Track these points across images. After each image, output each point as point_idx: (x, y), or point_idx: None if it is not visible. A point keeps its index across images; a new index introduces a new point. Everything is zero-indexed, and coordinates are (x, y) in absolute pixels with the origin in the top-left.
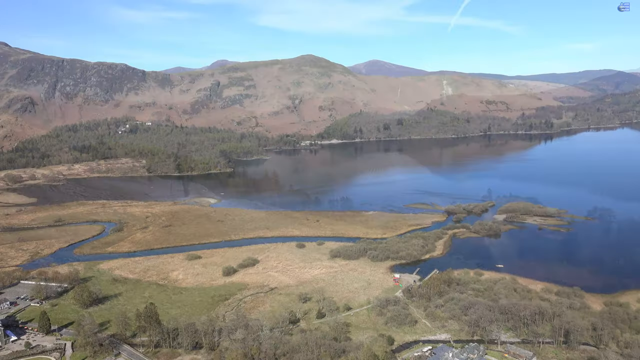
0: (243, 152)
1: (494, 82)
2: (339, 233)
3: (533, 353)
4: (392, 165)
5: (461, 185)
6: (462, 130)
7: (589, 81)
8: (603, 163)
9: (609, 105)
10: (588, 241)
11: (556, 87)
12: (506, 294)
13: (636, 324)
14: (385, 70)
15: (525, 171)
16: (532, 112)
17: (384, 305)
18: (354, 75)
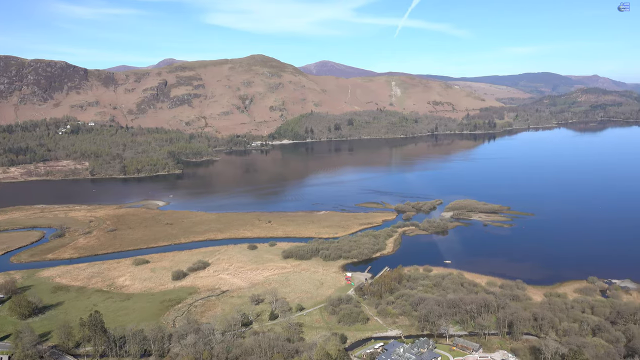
0: (192, 153)
1: (440, 84)
2: (291, 233)
3: (479, 345)
4: (343, 165)
5: (410, 184)
6: (410, 131)
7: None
8: (541, 161)
9: (546, 106)
10: (528, 236)
11: (498, 89)
12: (454, 288)
13: (573, 312)
14: (336, 70)
15: (471, 170)
16: (476, 113)
17: (336, 304)
18: (305, 75)
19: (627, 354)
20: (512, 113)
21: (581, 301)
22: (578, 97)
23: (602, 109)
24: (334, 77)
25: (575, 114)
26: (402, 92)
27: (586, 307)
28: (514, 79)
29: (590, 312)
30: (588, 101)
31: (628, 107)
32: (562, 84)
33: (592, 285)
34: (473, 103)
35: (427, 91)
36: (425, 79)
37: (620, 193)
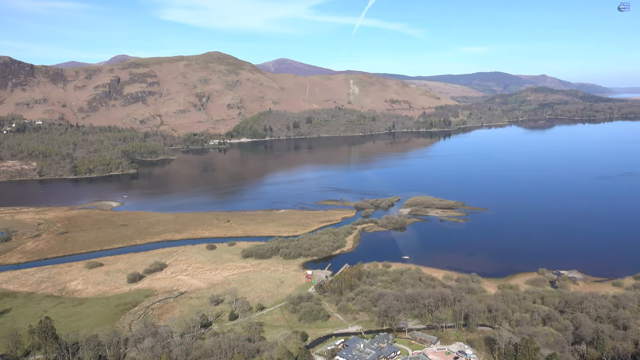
0: (147, 152)
1: (397, 82)
2: (250, 233)
3: (437, 337)
4: (302, 163)
5: (369, 182)
6: (368, 128)
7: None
8: (494, 158)
9: (498, 105)
10: (482, 230)
11: (453, 88)
12: (412, 283)
13: (525, 303)
14: (294, 68)
15: (427, 167)
16: (432, 111)
17: (297, 302)
18: (263, 73)
19: (574, 341)
20: (466, 111)
21: (532, 292)
22: (528, 96)
23: (550, 108)
24: (292, 75)
25: (525, 112)
26: (360, 90)
27: (537, 298)
28: (467, 78)
29: (540, 302)
30: (537, 100)
31: (574, 106)
32: (512, 83)
33: (542, 276)
34: (429, 101)
35: (384, 90)
36: (383, 77)
37: (566, 188)
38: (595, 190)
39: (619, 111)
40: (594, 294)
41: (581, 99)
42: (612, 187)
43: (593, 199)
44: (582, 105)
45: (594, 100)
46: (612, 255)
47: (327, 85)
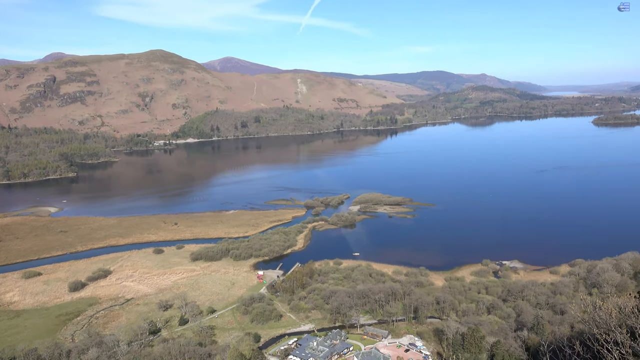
0: (88, 154)
1: (344, 81)
2: (199, 235)
3: (388, 331)
4: (251, 163)
5: (319, 180)
6: (317, 127)
7: (425, 81)
8: (439, 154)
9: (442, 103)
10: (429, 225)
11: (398, 86)
12: (363, 279)
13: (470, 294)
14: (241, 67)
15: (375, 164)
16: (379, 109)
17: (248, 304)
18: (209, 72)
19: (517, 328)
20: (411, 109)
21: (477, 283)
22: (469, 94)
23: (490, 105)
24: (239, 74)
25: (467, 110)
26: (307, 89)
27: (481, 288)
28: (412, 77)
29: (485, 292)
30: (478, 98)
31: (512, 104)
32: (455, 82)
33: (486, 267)
34: (375, 100)
35: (332, 88)
36: (330, 76)
37: (507, 182)
38: (533, 183)
39: (552, 108)
40: (533, 282)
41: (518, 97)
42: (547, 181)
43: (531, 192)
44: (519, 103)
45: (530, 98)
46: (549, 245)
47: (275, 84)
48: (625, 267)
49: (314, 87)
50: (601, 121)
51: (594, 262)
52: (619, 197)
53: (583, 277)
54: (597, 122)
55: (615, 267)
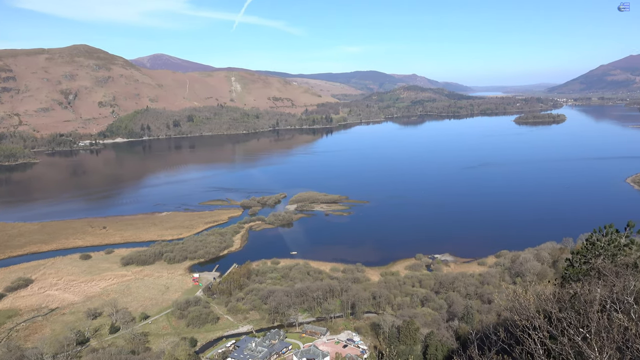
0: (4, 155)
1: (279, 80)
2: (130, 238)
3: (326, 328)
4: (185, 163)
5: (255, 179)
6: (252, 126)
7: (359, 81)
8: (373, 152)
9: (375, 102)
10: (365, 222)
11: (333, 86)
12: (301, 278)
13: (405, 288)
14: (172, 64)
15: (311, 163)
16: (314, 108)
17: (184, 308)
18: (138, 69)
19: (448, 318)
20: (346, 108)
21: (411, 277)
22: (401, 94)
23: (421, 105)
24: (170, 72)
25: (399, 109)
26: (242, 87)
27: (415, 282)
28: (346, 77)
29: (419, 285)
30: (409, 97)
31: (441, 103)
32: (387, 81)
33: (419, 261)
34: (311, 99)
35: (267, 87)
36: (265, 75)
37: (437, 179)
38: (461, 179)
39: (478, 108)
40: (463, 274)
41: (447, 97)
42: (474, 177)
43: (459, 188)
44: (447, 103)
45: (458, 98)
46: (477, 238)
47: (208, 82)
48: (545, 256)
49: (248, 86)
50: (522, 120)
51: (517, 252)
52: (539, 191)
53: (508, 267)
54: (518, 120)
55: (536, 257)
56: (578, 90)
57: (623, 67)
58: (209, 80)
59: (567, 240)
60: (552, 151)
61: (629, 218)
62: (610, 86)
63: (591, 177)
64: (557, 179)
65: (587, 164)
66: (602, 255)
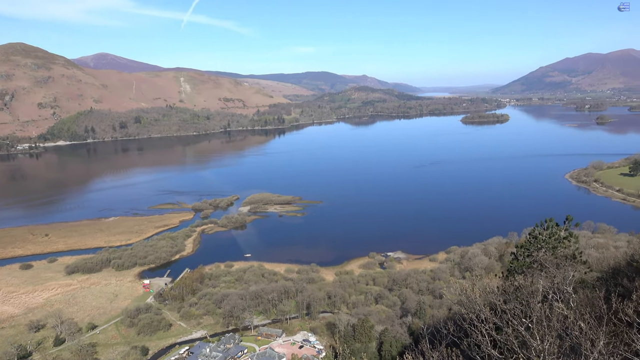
0: None
1: (230, 81)
2: (74, 246)
3: (282, 330)
4: (133, 166)
5: (206, 182)
6: (203, 128)
7: (311, 81)
8: (326, 152)
9: (327, 103)
10: (319, 222)
11: (285, 86)
12: (255, 280)
13: (359, 286)
14: (117, 64)
15: (264, 164)
16: (266, 109)
17: (134, 315)
18: (81, 69)
19: (402, 314)
20: (298, 109)
21: (365, 275)
22: (352, 94)
23: (371, 105)
24: (115, 72)
25: (350, 110)
26: (191, 88)
27: (369, 280)
28: (298, 77)
29: (372, 283)
30: (360, 98)
31: (391, 104)
32: (338, 82)
33: (373, 259)
34: (262, 100)
35: (217, 87)
36: (215, 75)
37: (389, 178)
38: (412, 178)
39: (427, 108)
40: (415, 270)
41: (397, 97)
42: (424, 175)
43: (410, 186)
44: (397, 103)
45: (407, 99)
46: (428, 234)
47: (156, 83)
48: (492, 250)
49: (198, 86)
50: (468, 120)
51: (466, 248)
52: (486, 188)
53: (457, 262)
54: (465, 120)
55: (483, 252)
56: (519, 91)
57: (560, 69)
58: (157, 80)
59: (512, 234)
60: (497, 149)
61: (567, 212)
62: (548, 87)
63: (533, 174)
64: (502, 176)
65: (530, 162)
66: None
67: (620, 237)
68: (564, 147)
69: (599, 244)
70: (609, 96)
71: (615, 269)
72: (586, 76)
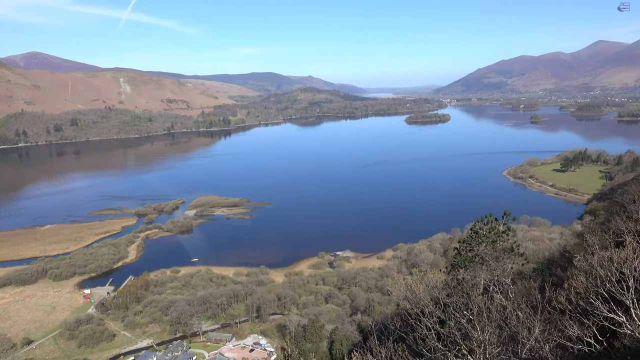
0: None
1: (173, 81)
2: (6, 256)
3: (232, 334)
4: (70, 171)
5: (150, 186)
6: (145, 130)
7: (256, 82)
8: (273, 153)
9: (273, 104)
10: (267, 224)
11: (230, 87)
12: (203, 285)
13: (309, 286)
14: (51, 64)
15: (211, 166)
16: (211, 110)
17: (74, 328)
18: (10, 68)
19: (352, 313)
20: (244, 110)
21: (315, 275)
22: (298, 95)
23: (318, 106)
24: (49, 72)
25: (297, 111)
26: (132, 89)
27: (319, 280)
28: (243, 78)
29: (322, 283)
30: (307, 99)
31: (337, 104)
32: (284, 83)
33: (322, 259)
34: (207, 101)
35: (159, 88)
36: (157, 76)
37: (336, 178)
38: (358, 177)
39: (372, 108)
40: (364, 269)
41: (342, 98)
42: (371, 175)
43: (357, 186)
44: (343, 104)
45: (353, 99)
46: (376, 233)
47: (94, 84)
48: (437, 246)
49: (139, 87)
50: (412, 120)
51: (412, 245)
52: (430, 185)
53: (404, 259)
54: (409, 120)
55: (429, 248)
56: (460, 92)
57: (497, 71)
58: (95, 81)
59: (456, 230)
60: (440, 148)
61: (506, 207)
62: (486, 88)
63: (474, 172)
64: (445, 174)
65: (470, 160)
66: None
67: (554, 229)
68: (501, 145)
69: (534, 236)
70: (542, 96)
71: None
72: (520, 77)
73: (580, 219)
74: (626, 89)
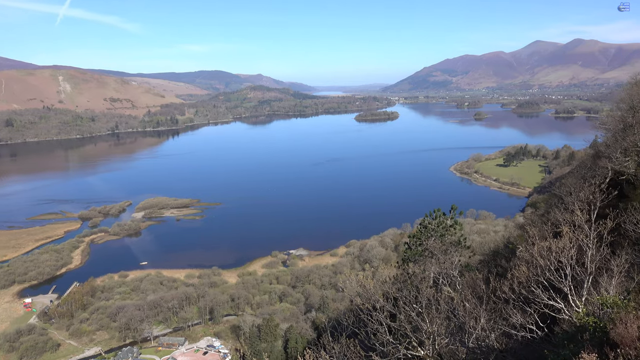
0: None
1: (116, 80)
2: None
3: (185, 338)
4: (5, 175)
5: (94, 188)
6: (87, 130)
7: (204, 80)
8: (223, 153)
9: (222, 102)
10: (219, 224)
11: (177, 86)
12: (153, 289)
13: (263, 286)
14: None
15: (158, 166)
16: (158, 110)
17: (14, 339)
18: None
19: (306, 310)
20: (192, 109)
21: (268, 274)
22: (248, 93)
23: (268, 104)
24: None
25: (247, 109)
26: (72, 87)
27: (273, 279)
28: (191, 76)
29: (276, 282)
30: (256, 97)
31: (287, 103)
32: (233, 81)
33: (275, 258)
34: (153, 100)
35: (102, 87)
36: (99, 74)
37: (288, 176)
38: (310, 176)
39: (322, 106)
40: (317, 266)
41: (292, 96)
42: (322, 173)
43: (309, 184)
44: (294, 102)
45: (303, 98)
46: (328, 230)
47: (30, 82)
48: (388, 242)
49: (80, 86)
50: (361, 117)
51: (364, 241)
52: (380, 182)
53: (357, 255)
54: (359, 118)
55: (380, 243)
56: (407, 90)
57: (442, 69)
58: (31, 79)
59: (406, 225)
60: (389, 145)
61: (453, 202)
62: (433, 86)
63: (422, 168)
64: (394, 171)
65: (418, 156)
66: (433, 236)
67: (498, 222)
68: (448, 141)
69: (480, 229)
70: (484, 94)
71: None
72: (464, 76)
73: (522, 211)
74: (562, 86)
